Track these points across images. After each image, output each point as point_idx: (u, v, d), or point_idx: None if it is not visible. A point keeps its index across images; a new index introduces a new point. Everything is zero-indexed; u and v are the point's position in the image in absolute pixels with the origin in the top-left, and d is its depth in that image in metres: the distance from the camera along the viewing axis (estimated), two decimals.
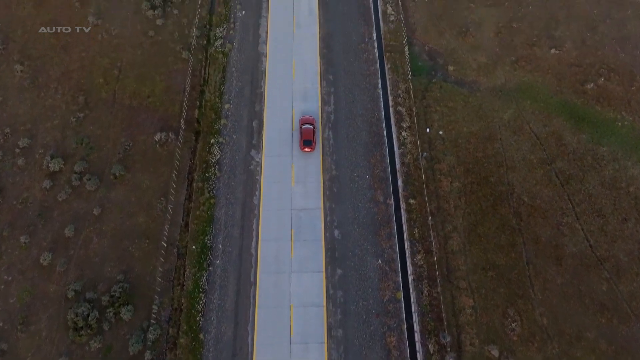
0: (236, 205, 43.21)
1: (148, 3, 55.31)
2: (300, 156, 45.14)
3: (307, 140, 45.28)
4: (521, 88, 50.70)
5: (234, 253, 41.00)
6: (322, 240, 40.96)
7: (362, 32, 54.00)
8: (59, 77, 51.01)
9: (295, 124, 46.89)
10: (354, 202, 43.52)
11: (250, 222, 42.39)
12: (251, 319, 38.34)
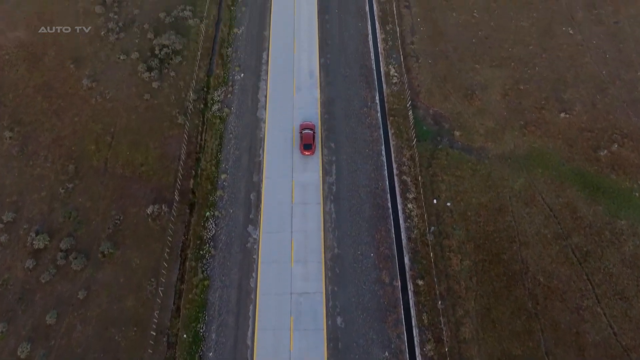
0: (231, 289, 40.28)
1: (144, 65, 53.87)
2: (300, 232, 42.50)
3: (307, 144, 46.49)
4: (531, 155, 48.46)
5: (229, 344, 37.82)
6: (323, 330, 37.83)
7: (364, 95, 52.26)
8: (50, 144, 48.95)
9: (295, 197, 44.46)
10: (358, 284, 40.58)
11: (247, 308, 39.35)
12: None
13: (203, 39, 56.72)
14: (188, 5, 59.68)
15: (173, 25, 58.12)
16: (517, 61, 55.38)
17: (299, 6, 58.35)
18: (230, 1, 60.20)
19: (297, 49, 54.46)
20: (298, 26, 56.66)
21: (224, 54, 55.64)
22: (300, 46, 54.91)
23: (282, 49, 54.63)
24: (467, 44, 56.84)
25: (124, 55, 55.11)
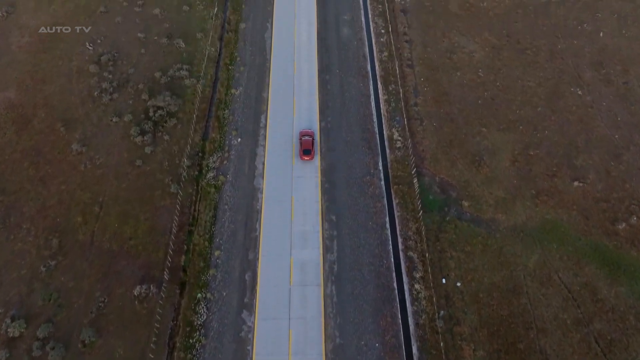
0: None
1: (137, 128, 51.66)
2: (299, 319, 39.10)
3: (306, 149, 48.44)
4: (545, 228, 45.52)
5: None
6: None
7: (366, 161, 49.79)
8: (34, 215, 46.06)
9: (294, 277, 41.29)
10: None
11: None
12: None
13: (199, 100, 54.77)
14: (185, 65, 58.04)
15: (169, 85, 56.29)
16: (526, 124, 53.20)
17: (299, 66, 56.77)
18: (228, 60, 58.60)
19: (297, 111, 52.44)
20: (298, 87, 54.84)
21: (220, 116, 53.55)
22: (300, 109, 52.91)
23: (281, 111, 52.59)
24: (473, 105, 54.83)
25: (117, 117, 52.97)
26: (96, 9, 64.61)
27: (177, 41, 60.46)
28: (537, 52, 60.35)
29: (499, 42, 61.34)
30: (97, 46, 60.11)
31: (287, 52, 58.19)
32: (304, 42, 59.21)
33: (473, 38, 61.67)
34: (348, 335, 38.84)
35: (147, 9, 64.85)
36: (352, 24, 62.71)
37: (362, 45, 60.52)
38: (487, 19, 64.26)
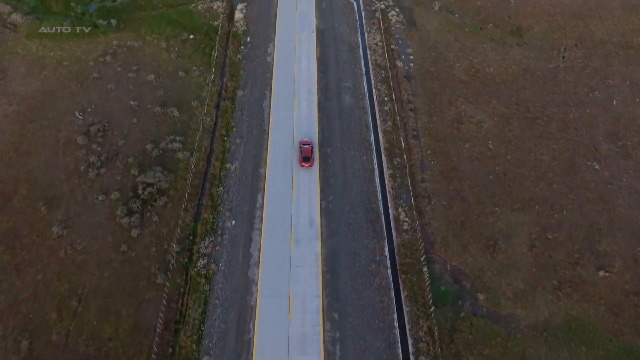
0: None
1: (125, 207, 47.97)
2: None
3: (305, 157, 50.66)
4: (570, 327, 40.97)
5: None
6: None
7: (372, 247, 45.76)
8: (4, 311, 41.68)
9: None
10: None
11: None
12: None
13: (192, 175, 51.33)
14: (178, 136, 55.01)
15: (160, 158, 53.05)
16: (542, 203, 49.49)
17: (299, 139, 53.58)
18: (224, 131, 55.63)
19: (296, 190, 48.88)
20: (297, 165, 51.40)
21: (214, 193, 49.96)
22: (299, 186, 49.38)
23: (279, 189, 49.04)
24: (483, 181, 51.32)
25: (103, 195, 49.37)
26: (89, 75, 62.29)
27: (171, 110, 57.72)
28: (548, 121, 57.45)
29: (508, 111, 58.57)
30: (87, 115, 57.30)
31: (286, 122, 55.30)
32: (303, 112, 56.42)
33: (481, 106, 58.96)
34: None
35: (141, 74, 62.54)
36: (354, 91, 60.19)
37: (365, 114, 57.73)
38: (495, 85, 61.81)
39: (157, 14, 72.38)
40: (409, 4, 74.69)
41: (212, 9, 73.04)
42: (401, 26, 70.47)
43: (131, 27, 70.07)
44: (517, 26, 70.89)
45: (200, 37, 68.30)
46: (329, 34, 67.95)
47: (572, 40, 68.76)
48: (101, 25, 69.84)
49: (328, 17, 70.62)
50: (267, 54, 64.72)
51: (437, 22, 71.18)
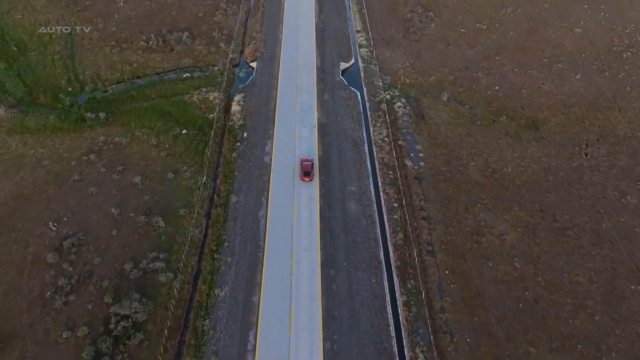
0: None
1: (92, 347, 40.71)
2: None
3: (306, 172, 54.38)
4: None
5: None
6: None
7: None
8: None
9: None
10: None
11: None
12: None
13: (174, 303, 44.25)
14: (162, 252, 48.46)
15: (140, 281, 46.19)
16: (585, 341, 41.90)
17: (298, 258, 47.47)
18: (214, 246, 49.19)
19: (294, 328, 41.46)
20: (297, 290, 44.66)
21: (199, 328, 42.57)
22: (297, 322, 42.11)
23: (275, 327, 41.58)
24: (513, 311, 44.01)
25: (69, 331, 42.12)
26: (69, 177, 56.80)
27: (156, 219, 51.56)
28: (579, 233, 51.02)
29: (533, 220, 52.28)
30: (62, 226, 51.10)
31: (284, 237, 48.95)
32: (304, 224, 50.19)
33: (502, 214, 52.74)
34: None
35: (126, 176, 57.05)
36: (360, 196, 54.29)
37: (373, 224, 51.41)
38: (514, 188, 55.97)
39: (150, 106, 68.24)
40: (415, 93, 70.79)
41: (207, 99, 69.00)
42: (408, 119, 65.95)
43: (120, 120, 65.62)
44: (532, 118, 66.36)
45: (194, 132, 63.56)
46: (331, 129, 63.25)
47: (593, 134, 63.91)
48: (89, 119, 65.51)
49: (330, 110, 66.35)
50: (264, 153, 59.56)
51: (447, 115, 66.75)
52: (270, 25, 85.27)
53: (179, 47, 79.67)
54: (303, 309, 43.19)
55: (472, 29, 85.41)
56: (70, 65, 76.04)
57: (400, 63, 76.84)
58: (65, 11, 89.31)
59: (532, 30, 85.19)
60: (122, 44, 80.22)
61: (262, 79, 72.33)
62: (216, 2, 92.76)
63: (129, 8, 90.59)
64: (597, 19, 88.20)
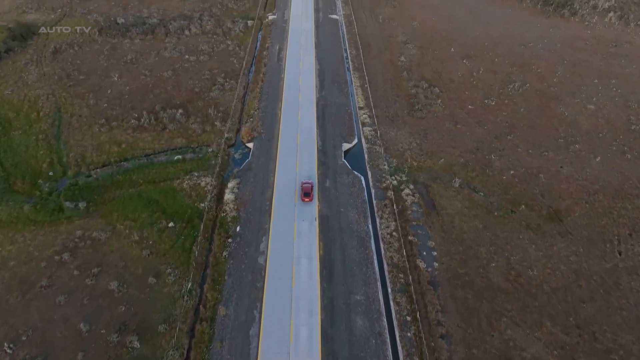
0: None
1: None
2: None
3: (306, 192, 58.18)
4: None
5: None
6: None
7: None
8: None
9: None
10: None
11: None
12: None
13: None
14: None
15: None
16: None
17: None
18: None
19: None
20: None
21: None
22: None
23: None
24: None
25: None
26: (36, 282, 49.98)
27: (130, 339, 44.27)
28: (626, 357, 43.22)
29: (570, 339, 44.82)
30: (20, 347, 43.80)
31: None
32: (302, 348, 42.97)
33: (532, 331, 45.33)
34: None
35: (102, 280, 50.24)
36: (367, 307, 47.18)
37: (383, 345, 44.07)
38: (544, 296, 48.88)
39: (136, 193, 62.48)
40: (424, 178, 65.27)
41: (199, 186, 63.36)
42: (418, 209, 59.92)
43: (102, 210, 59.66)
44: (554, 208, 60.32)
45: (182, 225, 57.35)
46: (333, 222, 57.09)
47: (624, 228, 57.62)
48: (67, 209, 59.58)
49: (333, 199, 60.56)
50: (259, 252, 53.03)
51: (460, 204, 60.79)
52: (269, 102, 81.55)
53: (172, 125, 75.27)
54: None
55: (480, 105, 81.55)
56: (55, 146, 71.27)
57: (407, 143, 72.05)
58: (57, 86, 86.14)
59: (543, 106, 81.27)
60: (112, 122, 75.96)
61: (258, 163, 67.19)
62: (214, 76, 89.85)
63: (123, 82, 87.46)
64: (610, 95, 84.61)
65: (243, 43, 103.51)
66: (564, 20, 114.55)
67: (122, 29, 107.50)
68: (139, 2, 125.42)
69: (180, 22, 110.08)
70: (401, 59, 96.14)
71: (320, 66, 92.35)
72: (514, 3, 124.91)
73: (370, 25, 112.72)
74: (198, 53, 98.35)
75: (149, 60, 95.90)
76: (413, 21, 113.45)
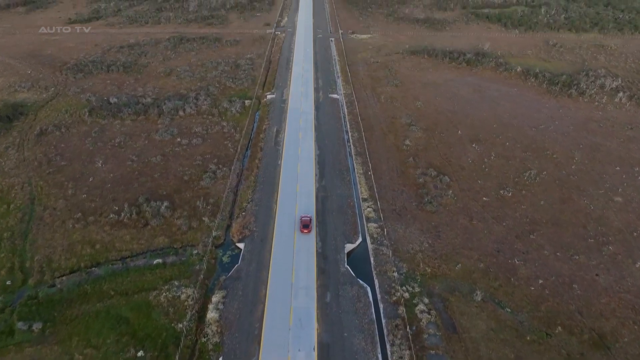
0: None
1: None
2: None
3: (305, 224, 62.29)
4: None
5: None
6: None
7: None
8: None
9: None
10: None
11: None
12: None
13: None
14: None
15: None
16: None
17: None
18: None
19: None
20: None
21: None
22: None
23: None
24: None
25: None
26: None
27: None
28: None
29: None
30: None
31: None
32: None
33: None
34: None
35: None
36: None
37: None
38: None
39: (103, 309, 53.27)
40: (440, 289, 56.26)
41: (178, 300, 54.22)
42: (436, 331, 50.42)
43: (60, 333, 50.26)
44: (597, 331, 50.82)
45: (153, 356, 47.54)
46: (336, 351, 47.74)
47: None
48: (19, 331, 49.96)
49: (335, 320, 51.36)
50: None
51: (485, 324, 51.32)
52: (264, 193, 74.31)
53: (154, 221, 67.42)
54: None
55: (496, 196, 74.15)
56: (20, 247, 63.05)
57: (417, 243, 63.70)
58: (35, 173, 79.52)
59: (565, 198, 73.81)
60: (89, 217, 68.20)
61: (249, 270, 58.51)
62: (206, 162, 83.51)
63: (107, 169, 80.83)
64: (636, 185, 77.55)
65: (239, 124, 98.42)
66: (572, 100, 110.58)
67: (114, 109, 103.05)
68: (135, 80, 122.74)
69: (175, 101, 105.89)
70: (406, 142, 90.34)
71: (320, 151, 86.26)
72: (518, 82, 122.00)
73: (372, 105, 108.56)
74: (191, 136, 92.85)
75: (138, 143, 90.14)
76: (416, 101, 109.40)
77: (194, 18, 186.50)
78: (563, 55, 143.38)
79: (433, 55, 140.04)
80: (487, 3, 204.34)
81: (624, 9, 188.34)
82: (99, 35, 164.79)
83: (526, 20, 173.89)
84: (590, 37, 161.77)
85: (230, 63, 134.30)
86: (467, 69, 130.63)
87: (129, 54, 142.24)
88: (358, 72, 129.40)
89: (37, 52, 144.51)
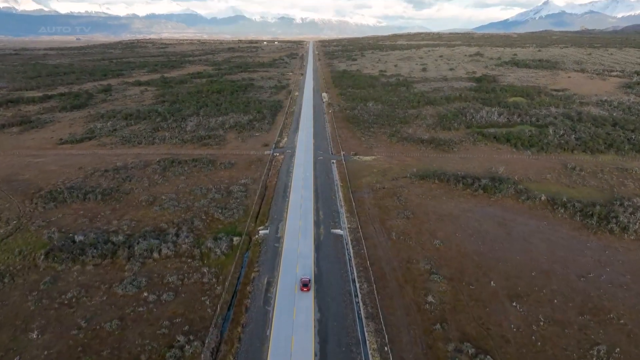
0: None
1: None
2: None
3: (305, 283, 71.87)
4: None
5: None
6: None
7: None
8: None
9: None
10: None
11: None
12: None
13: None
14: None
15: None
16: None
17: None
18: None
19: None
20: None
21: None
22: None
23: None
24: None
25: None
26: None
27: None
28: None
29: None
30: None
31: None
32: None
33: None
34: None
35: None
36: None
37: None
38: None
39: None
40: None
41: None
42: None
43: None
44: None
45: None
46: None
47: None
48: None
49: None
50: None
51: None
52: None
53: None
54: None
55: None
56: None
57: None
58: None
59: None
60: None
61: None
62: (174, 330, 64.53)
63: (42, 343, 61.48)
64: None
65: (223, 271, 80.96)
66: (616, 238, 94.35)
67: (77, 250, 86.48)
68: (112, 211, 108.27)
69: (151, 240, 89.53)
70: (428, 299, 71.95)
71: (322, 314, 67.56)
72: (546, 213, 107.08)
73: (382, 244, 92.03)
74: (162, 288, 74.91)
75: (94, 300, 71.91)
76: (434, 239, 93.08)
77: (190, 138, 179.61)
78: (586, 180, 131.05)
79: (444, 180, 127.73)
80: (491, 122, 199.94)
81: (634, 129, 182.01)
82: (87, 157, 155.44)
83: (536, 141, 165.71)
84: (608, 159, 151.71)
85: (221, 190, 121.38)
86: (484, 197, 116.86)
87: (112, 179, 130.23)
88: (363, 200, 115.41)
89: (13, 177, 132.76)
